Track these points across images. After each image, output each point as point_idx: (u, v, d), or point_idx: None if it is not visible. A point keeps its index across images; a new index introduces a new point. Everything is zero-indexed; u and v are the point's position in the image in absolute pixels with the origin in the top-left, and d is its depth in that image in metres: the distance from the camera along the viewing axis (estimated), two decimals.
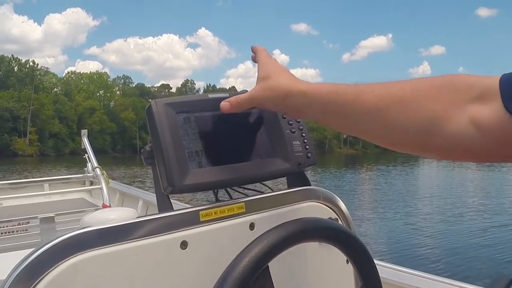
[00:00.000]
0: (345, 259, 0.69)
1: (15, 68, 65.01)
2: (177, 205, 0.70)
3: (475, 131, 0.49)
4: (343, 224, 0.81)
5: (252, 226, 0.69)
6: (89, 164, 2.86)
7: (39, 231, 1.76)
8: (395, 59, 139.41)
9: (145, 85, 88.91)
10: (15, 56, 67.31)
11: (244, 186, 0.77)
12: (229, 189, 0.77)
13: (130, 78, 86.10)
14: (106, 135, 65.49)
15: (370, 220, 9.67)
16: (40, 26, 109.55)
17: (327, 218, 0.75)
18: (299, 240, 0.60)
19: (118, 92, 79.56)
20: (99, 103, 71.06)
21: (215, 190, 0.75)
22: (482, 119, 0.48)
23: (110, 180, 2.68)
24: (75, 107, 65.37)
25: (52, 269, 0.52)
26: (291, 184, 0.82)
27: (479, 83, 0.49)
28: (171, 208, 0.67)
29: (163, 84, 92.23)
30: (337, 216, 0.82)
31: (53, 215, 1.76)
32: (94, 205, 2.59)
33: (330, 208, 0.81)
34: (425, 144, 0.53)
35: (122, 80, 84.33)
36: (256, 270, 0.55)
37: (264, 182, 0.79)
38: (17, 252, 1.47)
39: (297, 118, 0.78)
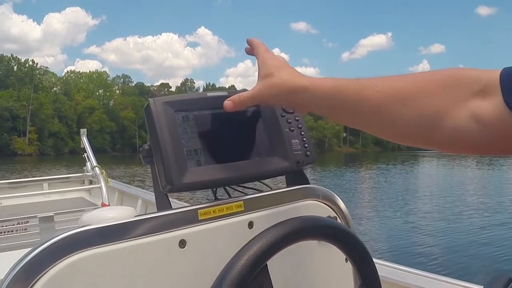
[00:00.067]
0: (344, 258, 0.69)
1: (15, 67, 64.97)
2: (175, 203, 0.70)
3: (476, 125, 0.49)
4: (342, 223, 0.81)
5: (251, 224, 0.69)
6: (88, 163, 2.86)
7: (38, 230, 1.76)
8: (395, 58, 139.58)
9: (145, 84, 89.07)
10: (15, 56, 67.44)
11: (243, 184, 0.77)
12: (228, 188, 0.77)
13: (130, 77, 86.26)
14: (105, 134, 65.45)
15: (369, 218, 9.66)
16: (40, 25, 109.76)
17: (326, 217, 0.75)
18: (297, 239, 0.60)
19: (117, 91, 79.52)
20: (99, 102, 71.03)
21: (214, 189, 0.75)
22: (483, 114, 0.48)
23: (109, 179, 2.68)
24: (75, 106, 65.34)
25: (50, 268, 0.52)
26: (290, 183, 0.82)
27: (480, 77, 0.49)
28: (170, 207, 0.67)
29: (162, 83, 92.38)
30: (336, 215, 0.82)
31: (53, 214, 1.76)
32: (93, 204, 2.59)
33: (329, 206, 0.81)
34: (427, 138, 0.54)
35: (122, 79, 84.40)
36: (255, 268, 0.55)
37: (263, 181, 0.79)
38: (16, 251, 1.47)
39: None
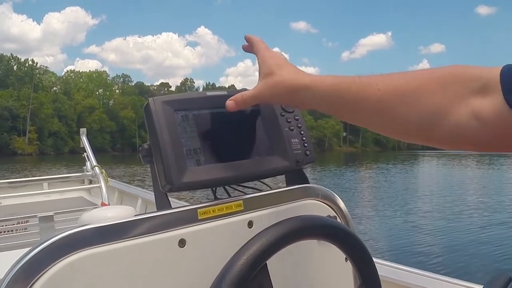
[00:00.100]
0: (344, 257, 0.69)
1: (14, 67, 64.96)
2: (175, 203, 0.70)
3: (477, 123, 0.49)
4: (341, 222, 0.81)
5: (250, 224, 0.69)
6: (88, 163, 2.85)
7: (38, 230, 1.76)
8: (395, 57, 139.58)
9: (145, 83, 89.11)
10: (14, 55, 67.43)
11: (242, 184, 0.77)
12: (227, 187, 0.76)
13: (130, 76, 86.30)
14: (105, 133, 65.44)
15: (369, 218, 9.66)
16: (39, 25, 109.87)
17: (326, 216, 0.75)
18: (297, 238, 0.60)
19: (117, 91, 79.53)
20: (99, 102, 71.02)
21: (214, 188, 0.75)
22: (483, 112, 0.48)
23: (109, 179, 2.67)
24: (75, 106, 65.34)
25: (50, 268, 0.52)
26: (289, 182, 0.82)
27: (481, 75, 0.49)
28: (169, 206, 0.67)
29: (162, 82, 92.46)
30: (335, 214, 0.82)
31: (52, 214, 1.76)
32: (93, 204, 2.59)
33: (329, 206, 0.81)
34: (428, 135, 0.54)
35: (122, 79, 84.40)
36: (255, 268, 0.55)
37: (262, 180, 0.79)
38: (16, 251, 1.47)
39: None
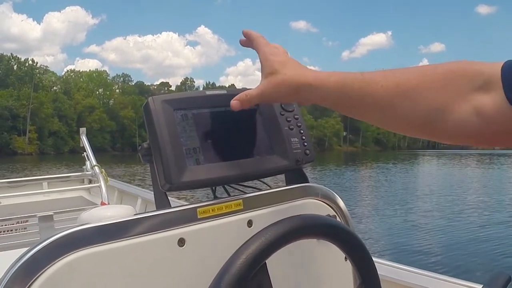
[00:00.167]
0: (344, 256, 0.68)
1: (15, 66, 64.95)
2: (175, 202, 0.70)
3: (478, 120, 0.50)
4: (341, 221, 0.81)
5: (250, 223, 0.69)
6: (87, 163, 2.85)
7: (38, 229, 1.76)
8: (395, 57, 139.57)
9: (145, 83, 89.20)
10: (14, 55, 67.43)
11: (242, 183, 0.77)
12: (227, 186, 0.76)
13: (130, 76, 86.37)
14: (105, 133, 65.45)
15: (369, 217, 9.66)
16: (39, 24, 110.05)
17: (325, 215, 0.75)
18: (297, 237, 0.60)
19: (117, 90, 79.54)
20: (99, 102, 71.01)
21: (213, 188, 0.75)
22: (485, 108, 0.49)
23: (108, 178, 2.67)
24: (75, 105, 65.33)
25: (49, 267, 0.52)
26: (289, 181, 0.82)
27: (482, 71, 0.50)
28: (169, 206, 0.67)
29: (162, 82, 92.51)
30: (335, 213, 0.81)
31: (52, 213, 1.76)
32: (92, 203, 2.58)
33: (329, 205, 0.81)
34: (431, 131, 0.55)
35: (122, 78, 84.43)
36: (254, 267, 0.55)
37: (262, 179, 0.79)
38: (15, 250, 1.46)
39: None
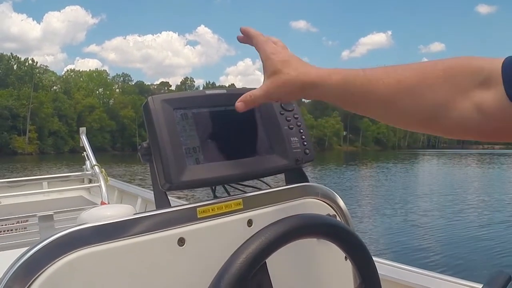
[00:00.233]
0: (344, 256, 0.68)
1: (14, 66, 64.89)
2: (175, 202, 0.70)
3: (479, 116, 0.50)
4: (341, 221, 0.81)
5: (250, 222, 0.69)
6: (87, 162, 2.85)
7: (38, 229, 1.76)
8: (395, 56, 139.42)
9: (145, 82, 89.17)
10: (14, 55, 67.28)
11: (242, 182, 0.77)
12: (227, 186, 0.76)
13: (130, 76, 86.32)
14: (105, 133, 65.40)
15: (369, 217, 9.66)
16: (39, 24, 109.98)
17: (325, 215, 0.75)
18: (297, 237, 0.60)
19: (117, 90, 79.48)
20: (99, 101, 70.94)
21: (213, 187, 0.75)
22: (485, 105, 0.49)
23: (108, 178, 2.67)
24: (75, 105, 65.28)
25: (49, 267, 0.52)
26: (289, 181, 0.82)
27: (483, 67, 0.50)
28: (169, 205, 0.67)
29: (162, 81, 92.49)
30: (335, 213, 0.81)
31: (52, 213, 1.76)
32: (92, 203, 2.58)
33: (329, 204, 0.81)
34: (432, 126, 0.56)
35: (122, 78, 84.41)
36: (254, 266, 0.55)
37: (262, 179, 0.79)
38: (15, 250, 1.46)
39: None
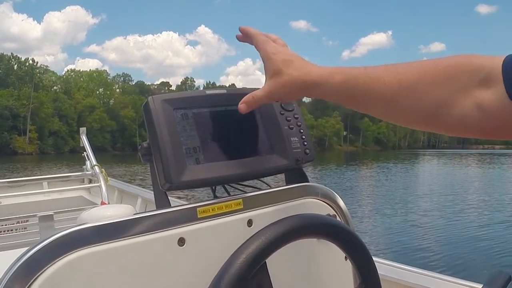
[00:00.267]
0: (344, 256, 0.68)
1: (15, 66, 64.91)
2: (175, 202, 0.70)
3: (480, 114, 0.50)
4: (341, 221, 0.81)
5: (250, 222, 0.69)
6: (87, 162, 2.85)
7: (38, 229, 1.76)
8: (395, 56, 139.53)
9: (145, 82, 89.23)
10: (15, 55, 67.29)
11: (242, 182, 0.77)
12: (227, 186, 0.76)
13: (130, 76, 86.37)
14: (106, 133, 65.41)
15: (369, 217, 9.66)
16: (40, 24, 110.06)
17: (325, 215, 0.75)
18: (297, 237, 0.60)
19: (117, 90, 79.49)
20: (99, 101, 70.94)
21: (213, 187, 0.75)
22: (486, 103, 0.49)
23: (108, 178, 2.67)
24: (75, 105, 65.28)
25: (49, 267, 0.52)
26: (289, 181, 0.82)
27: (483, 66, 0.50)
28: (169, 205, 0.67)
29: (163, 81, 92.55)
30: (335, 213, 0.81)
31: (52, 213, 1.76)
32: (92, 203, 2.58)
33: (329, 204, 0.81)
34: (434, 124, 0.56)
35: (122, 78, 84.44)
36: (254, 266, 0.55)
37: (262, 179, 0.79)
38: (15, 250, 1.46)
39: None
